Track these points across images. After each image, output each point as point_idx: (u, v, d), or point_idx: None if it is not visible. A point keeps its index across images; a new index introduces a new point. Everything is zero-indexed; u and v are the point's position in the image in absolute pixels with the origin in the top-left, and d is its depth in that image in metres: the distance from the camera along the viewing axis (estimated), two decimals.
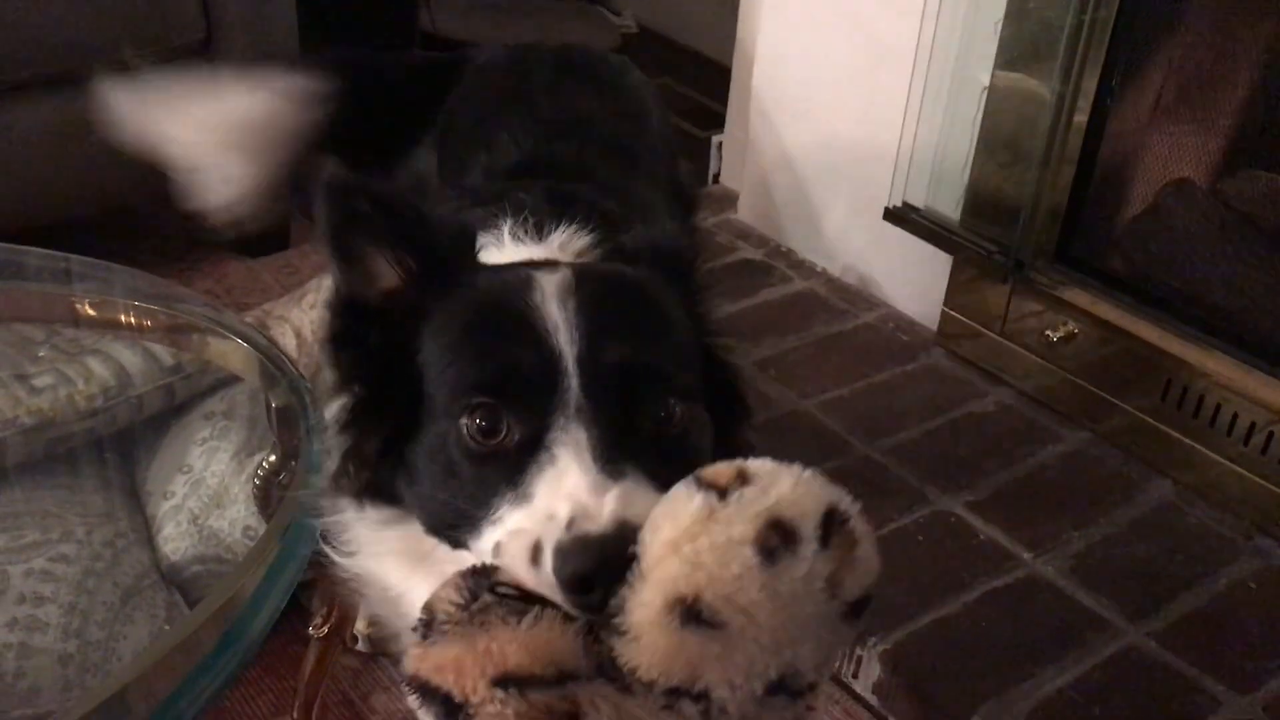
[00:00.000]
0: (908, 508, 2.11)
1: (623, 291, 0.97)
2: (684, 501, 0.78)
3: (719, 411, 0.99)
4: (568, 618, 0.80)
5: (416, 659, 0.78)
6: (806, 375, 2.45)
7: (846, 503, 0.81)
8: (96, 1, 2.41)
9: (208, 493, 1.77)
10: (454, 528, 0.91)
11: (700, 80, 3.77)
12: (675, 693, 0.77)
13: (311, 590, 1.65)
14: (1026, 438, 2.32)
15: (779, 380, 2.42)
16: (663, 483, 0.86)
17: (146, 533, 1.77)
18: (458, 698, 0.75)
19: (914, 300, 2.66)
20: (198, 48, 2.55)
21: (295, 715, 1.67)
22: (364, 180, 0.95)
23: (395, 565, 1.00)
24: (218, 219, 1.52)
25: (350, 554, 1.04)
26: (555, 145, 1.48)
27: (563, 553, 0.79)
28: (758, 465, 0.81)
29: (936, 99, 2.44)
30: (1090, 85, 2.19)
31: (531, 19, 3.93)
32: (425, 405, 0.93)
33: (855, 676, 1.88)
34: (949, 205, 2.46)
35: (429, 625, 0.79)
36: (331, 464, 1.03)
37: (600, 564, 0.79)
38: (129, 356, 1.82)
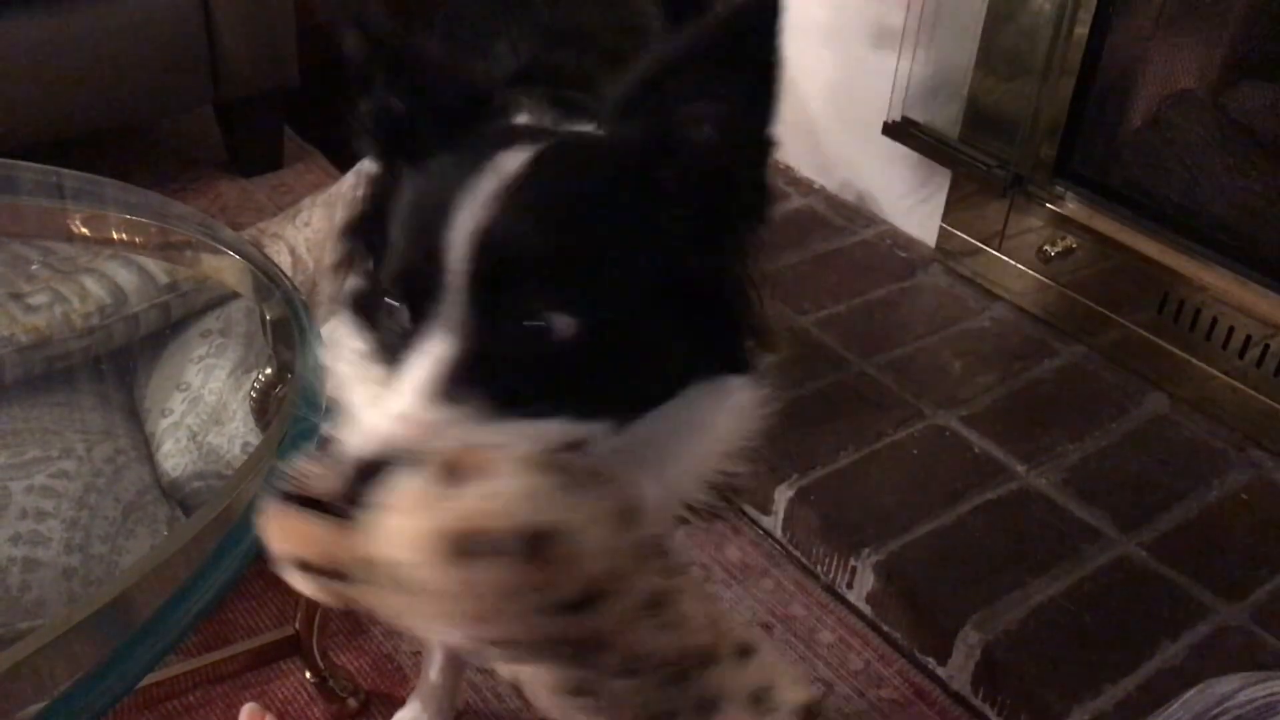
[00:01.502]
0: (903, 422, 2.12)
1: (561, 184, 0.85)
2: (408, 476, 0.75)
3: (706, 323, 0.90)
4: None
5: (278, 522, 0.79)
6: (804, 292, 2.44)
7: (565, 525, 0.74)
8: None
9: (206, 410, 1.78)
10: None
11: None
12: None
13: None
14: (1022, 352, 2.32)
15: (776, 297, 2.42)
16: (523, 402, 0.80)
17: (146, 449, 1.78)
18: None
19: (912, 216, 2.65)
20: None
21: (298, 626, 1.69)
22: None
23: (362, 391, 0.96)
24: None
25: (339, 362, 1.02)
26: (556, 54, 1.45)
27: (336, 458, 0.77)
28: (495, 468, 0.75)
29: (936, 12, 2.41)
30: None
31: None
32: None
33: (849, 587, 1.90)
34: (948, 120, 2.44)
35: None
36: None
37: (343, 484, 0.75)
38: (124, 275, 1.82)
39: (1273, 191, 2.15)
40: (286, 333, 1.37)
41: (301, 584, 0.77)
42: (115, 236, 1.64)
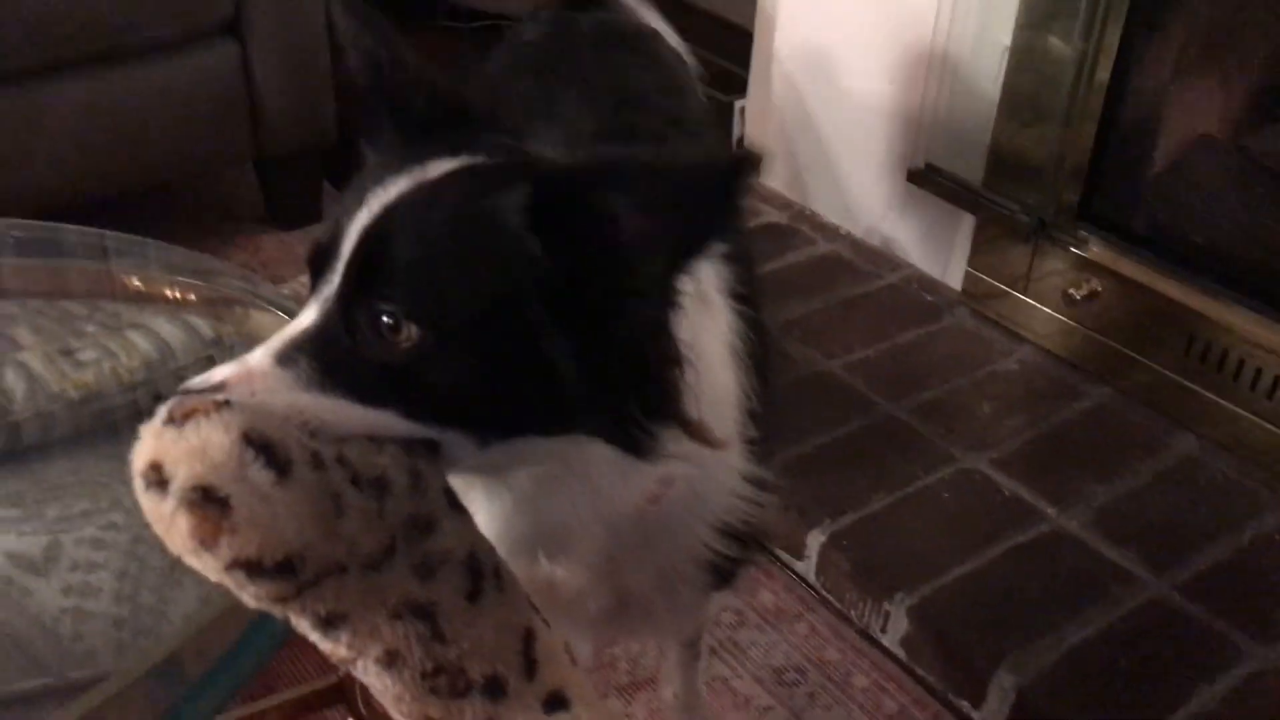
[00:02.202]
0: (933, 466, 2.14)
1: (448, 206, 0.90)
2: (163, 406, 0.81)
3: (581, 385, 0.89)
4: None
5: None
6: (831, 336, 2.47)
7: (234, 491, 0.78)
8: None
9: None
10: None
11: (722, 45, 3.76)
12: None
13: None
14: (1050, 395, 2.34)
15: (804, 342, 2.45)
16: (356, 392, 0.86)
17: None
18: None
19: (937, 261, 2.68)
20: (226, 25, 2.59)
21: (341, 674, 1.72)
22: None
23: None
24: None
25: None
26: (625, 116, 1.47)
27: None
28: (215, 413, 0.80)
29: (958, 60, 2.45)
30: (1112, 43, 2.19)
31: None
32: None
33: (883, 631, 1.91)
34: (971, 166, 2.47)
35: None
36: None
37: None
38: (170, 330, 1.86)
39: None
40: None
41: None
42: (166, 294, 1.69)
